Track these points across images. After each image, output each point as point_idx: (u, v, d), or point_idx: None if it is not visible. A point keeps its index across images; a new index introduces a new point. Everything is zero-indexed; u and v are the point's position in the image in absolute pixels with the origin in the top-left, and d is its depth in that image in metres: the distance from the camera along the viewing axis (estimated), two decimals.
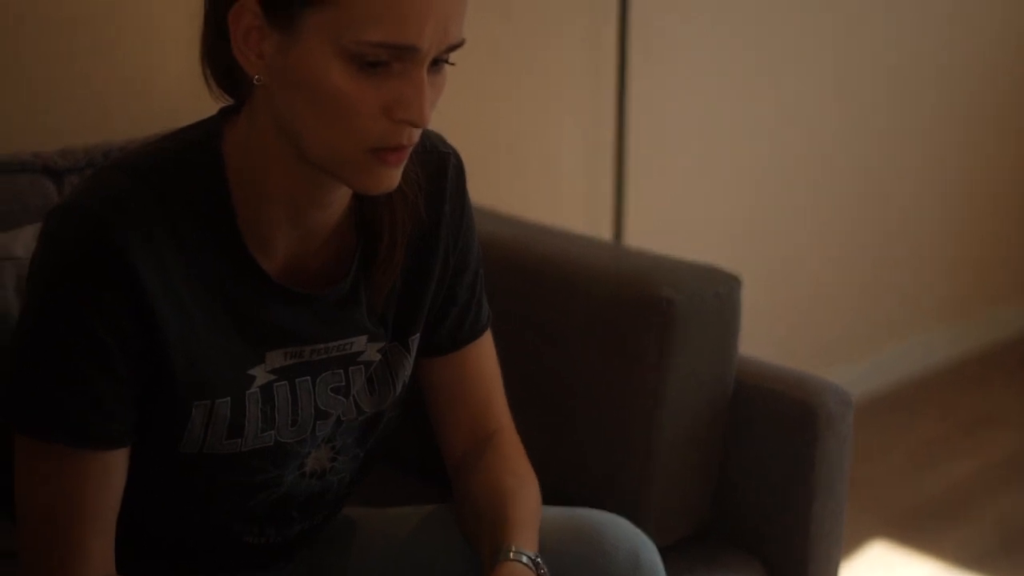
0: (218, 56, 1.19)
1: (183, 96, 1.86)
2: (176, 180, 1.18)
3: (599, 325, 1.71)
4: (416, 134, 1.16)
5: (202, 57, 1.21)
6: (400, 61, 1.12)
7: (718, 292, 1.71)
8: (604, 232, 2.56)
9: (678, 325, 1.65)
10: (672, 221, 2.71)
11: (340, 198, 1.25)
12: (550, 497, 1.41)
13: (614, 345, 1.69)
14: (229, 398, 1.23)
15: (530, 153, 2.46)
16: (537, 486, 1.38)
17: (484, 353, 1.43)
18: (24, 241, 1.53)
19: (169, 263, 1.16)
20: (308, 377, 1.28)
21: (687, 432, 1.70)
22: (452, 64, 1.17)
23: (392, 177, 1.17)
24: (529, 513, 1.32)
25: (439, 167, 1.35)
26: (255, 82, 1.15)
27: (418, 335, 1.36)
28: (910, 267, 3.32)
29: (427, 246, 1.34)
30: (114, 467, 1.19)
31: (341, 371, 1.30)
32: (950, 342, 3.46)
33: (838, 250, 3.12)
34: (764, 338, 2.86)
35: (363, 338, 1.30)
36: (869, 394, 3.21)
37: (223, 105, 1.23)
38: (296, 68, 1.12)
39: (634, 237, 2.59)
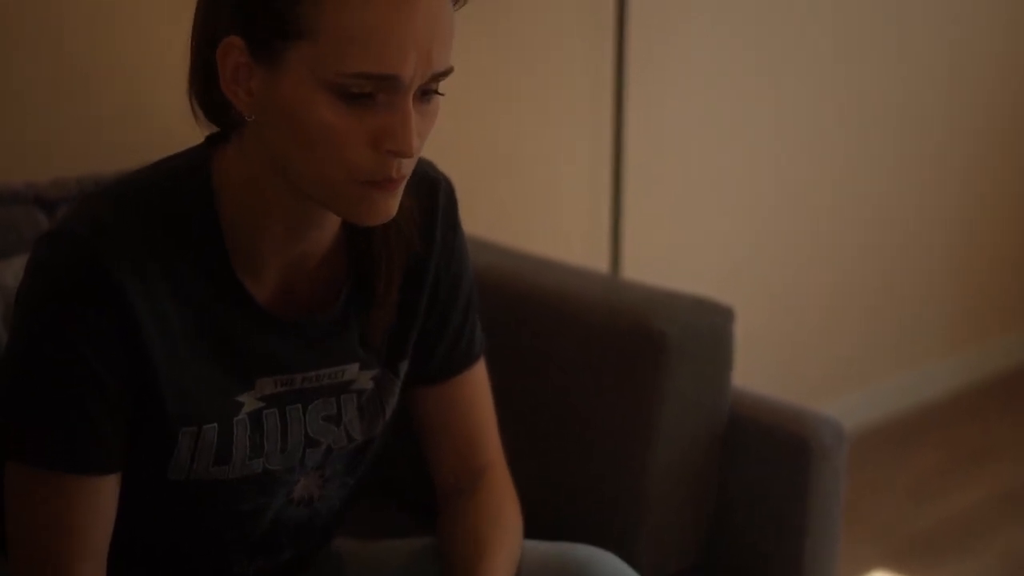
0: (207, 91, 1.19)
1: (176, 126, 1.86)
2: (164, 207, 1.19)
3: (593, 357, 1.71)
4: (407, 165, 1.15)
5: (189, 92, 1.21)
6: (384, 92, 1.11)
7: (711, 324, 1.71)
8: (601, 263, 2.56)
9: (671, 357, 1.65)
10: (670, 252, 2.71)
11: (330, 224, 1.25)
12: (541, 529, 1.41)
13: (608, 377, 1.69)
14: (216, 424, 1.23)
15: (528, 184, 2.46)
16: (519, 534, 1.38)
17: (476, 383, 1.42)
18: (15, 271, 1.54)
19: (157, 289, 1.16)
20: (299, 405, 1.28)
21: (681, 465, 1.70)
22: (442, 95, 1.17)
23: (388, 207, 1.17)
24: (502, 565, 1.32)
25: (430, 194, 1.34)
26: (247, 119, 1.16)
27: (407, 362, 1.36)
28: (909, 297, 3.32)
29: (418, 273, 1.34)
30: (105, 493, 1.19)
31: (333, 399, 1.30)
32: (950, 373, 3.45)
33: (837, 281, 3.11)
34: (763, 369, 2.85)
35: (355, 366, 1.30)
36: (868, 425, 3.20)
37: (209, 133, 1.24)
38: (283, 103, 1.12)
39: (631, 267, 2.59)
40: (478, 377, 1.42)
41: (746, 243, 2.87)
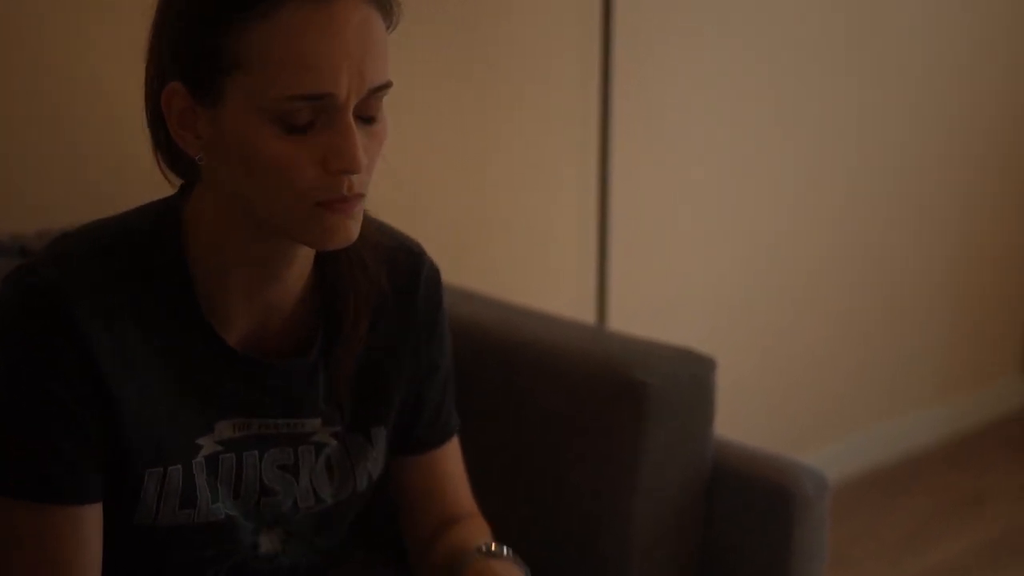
0: (165, 142, 1.22)
1: (160, 177, 1.88)
2: (133, 249, 1.22)
3: (574, 407, 1.71)
4: (360, 183, 1.17)
5: (153, 149, 1.24)
6: (324, 113, 1.14)
7: (693, 375, 1.71)
8: (588, 314, 2.57)
9: (652, 408, 1.65)
10: (656, 302, 2.71)
11: (298, 270, 1.26)
12: None
13: (589, 428, 1.69)
14: (180, 466, 1.24)
15: (515, 236, 2.47)
16: None
17: (452, 455, 1.45)
18: None
19: (122, 328, 1.18)
20: (255, 451, 1.29)
21: (664, 515, 1.70)
22: (374, 121, 1.17)
23: (347, 228, 1.18)
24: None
25: (412, 268, 1.37)
26: (198, 161, 1.18)
27: (383, 429, 1.37)
28: (898, 346, 3.32)
29: (395, 343, 1.35)
30: (89, 523, 1.20)
31: (290, 449, 1.31)
32: (938, 421, 3.45)
33: (827, 329, 3.12)
34: (751, 417, 2.86)
35: (316, 420, 1.31)
36: (858, 473, 3.20)
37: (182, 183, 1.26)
38: (229, 139, 1.15)
39: (617, 319, 2.59)
40: (452, 448, 1.46)
41: (733, 293, 2.88)
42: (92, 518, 1.21)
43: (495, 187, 2.41)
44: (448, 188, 2.31)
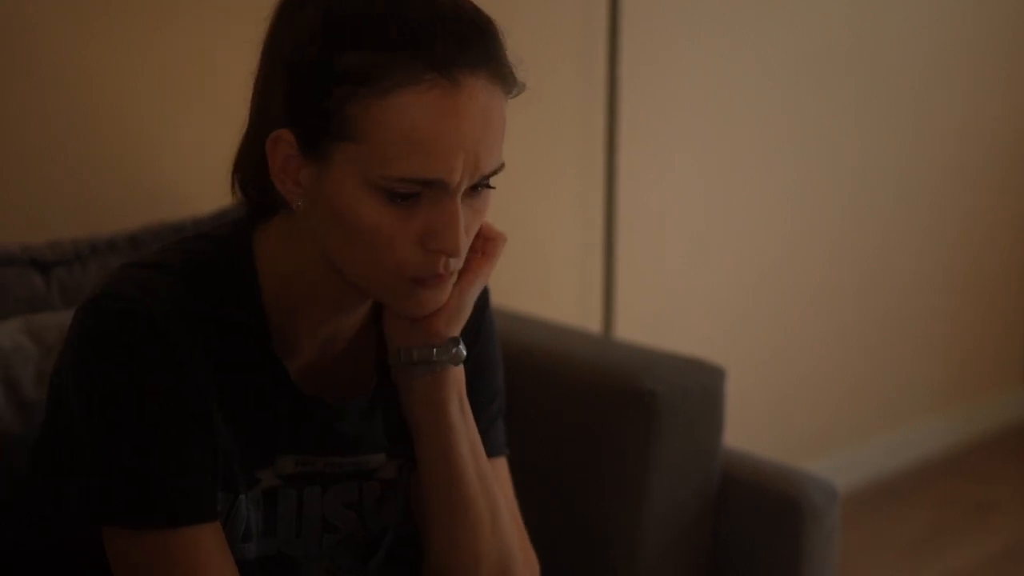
0: (256, 176, 1.18)
1: (171, 189, 1.88)
2: (207, 278, 1.18)
3: (583, 417, 1.71)
4: (455, 262, 1.15)
5: (234, 173, 1.20)
6: (432, 190, 1.11)
7: (702, 384, 1.71)
8: (594, 324, 2.57)
9: (661, 418, 1.65)
10: (663, 312, 2.71)
11: (366, 307, 1.25)
12: None
13: (598, 438, 1.69)
14: (244, 497, 1.21)
15: (522, 245, 2.46)
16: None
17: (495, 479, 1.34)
18: (9, 333, 1.53)
19: (195, 354, 1.15)
20: (318, 487, 1.26)
21: (673, 525, 1.70)
22: (492, 188, 1.17)
23: (436, 300, 1.17)
24: None
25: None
26: (295, 208, 1.15)
27: None
28: (903, 356, 3.32)
29: None
30: (223, 539, 1.17)
31: (356, 485, 1.28)
32: (945, 430, 3.45)
33: (831, 340, 3.12)
34: (758, 426, 2.85)
35: (381, 456, 1.29)
36: (862, 483, 3.19)
37: (247, 208, 1.22)
38: (330, 199, 1.12)
39: (624, 328, 2.59)
40: (497, 474, 1.35)
41: (738, 303, 2.88)
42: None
43: (499, 195, 2.40)
44: None
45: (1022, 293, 3.63)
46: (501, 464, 1.37)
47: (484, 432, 1.32)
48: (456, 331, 1.21)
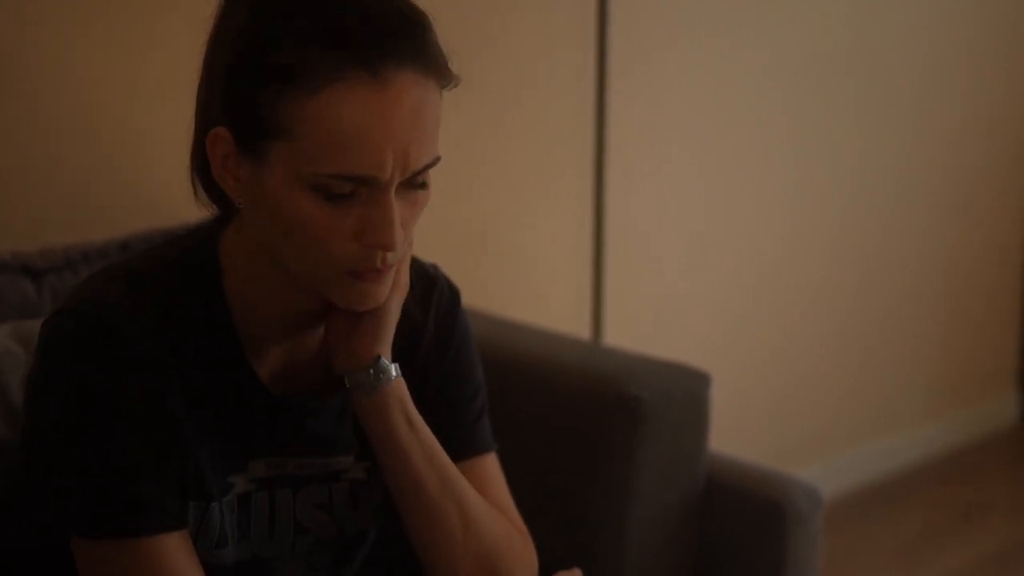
0: (205, 174, 1.20)
1: (163, 196, 1.89)
2: (171, 284, 1.20)
3: (569, 422, 1.72)
4: (393, 256, 1.16)
5: (191, 169, 1.22)
6: (366, 187, 1.12)
7: (687, 389, 1.72)
8: (583, 330, 2.58)
9: (647, 423, 1.66)
10: (651, 318, 2.72)
11: (324, 301, 1.25)
12: None
13: (583, 443, 1.70)
14: (217, 503, 1.22)
15: (511, 252, 2.47)
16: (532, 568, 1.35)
17: (483, 475, 1.36)
18: (2, 339, 1.54)
19: (163, 364, 1.16)
20: (289, 490, 1.27)
21: (657, 529, 1.71)
22: (426, 187, 1.16)
23: (376, 294, 1.18)
24: None
25: (427, 288, 1.35)
26: (237, 204, 1.18)
27: None
28: (894, 362, 3.32)
29: (407, 362, 1.31)
30: (191, 548, 1.18)
31: (325, 487, 1.29)
32: (934, 436, 3.46)
33: (822, 346, 3.12)
34: (747, 432, 2.86)
35: (350, 457, 1.30)
36: (853, 489, 3.20)
37: (215, 213, 1.24)
38: (268, 196, 1.13)
39: (613, 334, 2.60)
40: (487, 471, 1.37)
41: (729, 308, 2.89)
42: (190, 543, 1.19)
43: (489, 201, 2.42)
44: (441, 203, 2.31)
45: (1012, 301, 3.64)
46: (490, 460, 1.38)
47: (470, 431, 1.34)
48: (380, 348, 1.23)
